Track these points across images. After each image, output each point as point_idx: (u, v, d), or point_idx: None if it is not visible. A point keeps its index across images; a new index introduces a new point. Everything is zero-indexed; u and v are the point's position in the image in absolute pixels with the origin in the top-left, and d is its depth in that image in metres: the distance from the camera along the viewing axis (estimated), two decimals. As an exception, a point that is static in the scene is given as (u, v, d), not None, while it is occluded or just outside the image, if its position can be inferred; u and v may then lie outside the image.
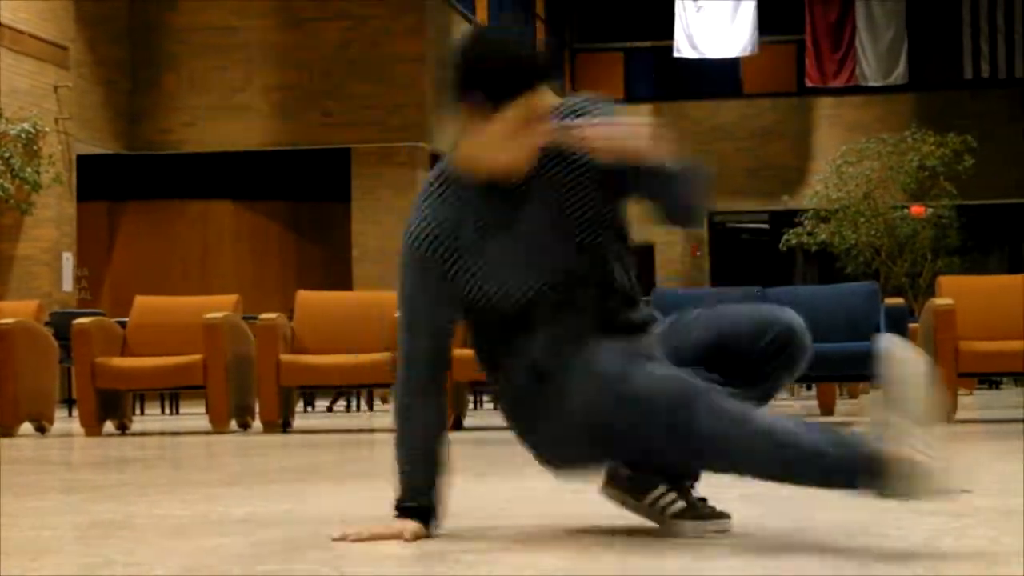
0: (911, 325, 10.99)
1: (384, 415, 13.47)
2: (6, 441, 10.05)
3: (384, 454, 7.78)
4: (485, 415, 12.68)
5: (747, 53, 30.03)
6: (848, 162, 25.25)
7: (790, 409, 13.48)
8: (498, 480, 5.77)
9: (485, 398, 14.99)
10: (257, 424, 11.07)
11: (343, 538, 3.60)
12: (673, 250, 28.23)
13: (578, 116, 3.51)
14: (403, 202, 21.90)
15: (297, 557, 3.40)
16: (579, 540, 3.61)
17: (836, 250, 25.04)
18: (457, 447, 3.86)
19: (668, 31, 30.24)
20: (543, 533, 3.78)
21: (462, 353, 8.11)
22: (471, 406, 12.96)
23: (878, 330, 10.15)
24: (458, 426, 10.46)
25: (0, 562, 3.46)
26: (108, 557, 3.47)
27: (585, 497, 4.14)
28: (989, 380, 19.25)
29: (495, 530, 3.87)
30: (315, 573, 3.15)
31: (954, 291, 10.38)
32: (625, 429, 3.39)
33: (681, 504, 3.64)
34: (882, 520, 3.90)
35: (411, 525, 3.60)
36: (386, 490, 5.29)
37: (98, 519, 4.41)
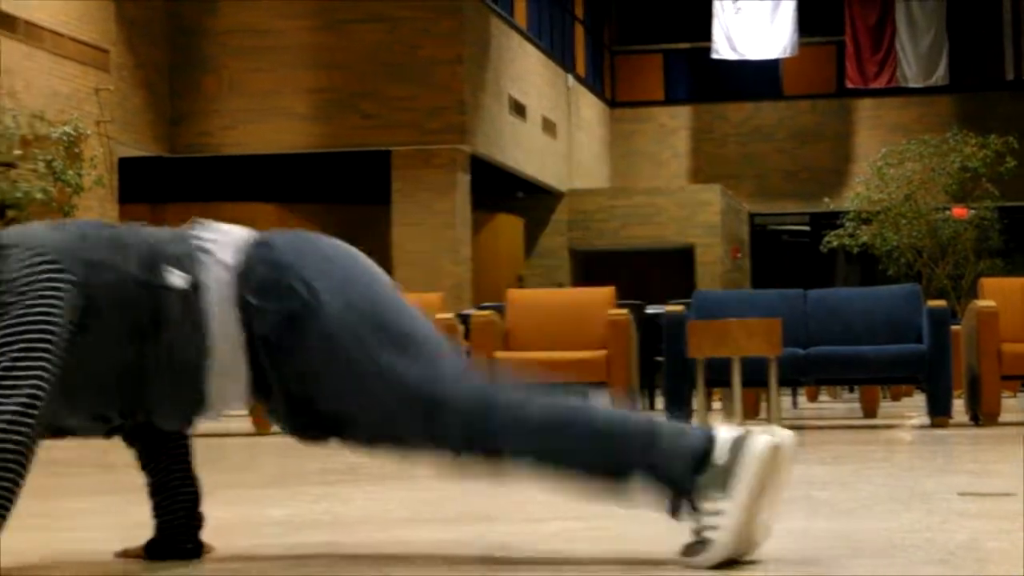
0: (953, 328, 10.93)
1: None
2: (47, 443, 10.09)
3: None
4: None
5: (787, 54, 29.96)
6: (889, 164, 25.16)
7: (832, 413, 13.44)
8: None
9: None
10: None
11: None
12: (713, 252, 28.15)
13: None
14: (443, 204, 21.93)
15: (337, 560, 3.39)
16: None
17: (878, 252, 24.96)
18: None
19: (707, 32, 30.20)
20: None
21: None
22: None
23: (920, 332, 10.10)
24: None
25: (39, 564, 3.47)
26: (148, 559, 3.47)
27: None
28: (1032, 382, 19.12)
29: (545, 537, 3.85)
30: (356, 575, 3.14)
31: (996, 293, 10.32)
32: None
33: None
34: (926, 523, 3.88)
35: None
36: (425, 491, 5.28)
37: (139, 520, 4.41)
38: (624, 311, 10.69)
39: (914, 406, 13.88)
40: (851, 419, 11.45)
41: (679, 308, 10.49)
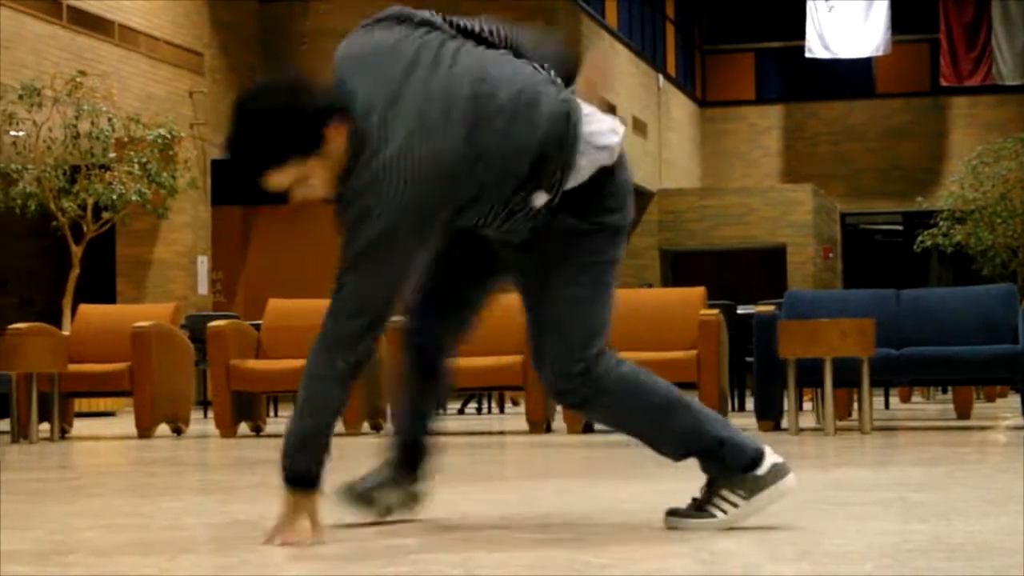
0: (1049, 328, 10.77)
1: (515, 417, 13.47)
2: (143, 442, 10.21)
3: (511, 456, 7.78)
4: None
5: (880, 53, 29.71)
6: (984, 162, 24.87)
7: (925, 414, 13.32)
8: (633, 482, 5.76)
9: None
10: (388, 426, 11.12)
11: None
12: (805, 252, 27.98)
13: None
14: (533, 205, 21.93)
15: (428, 557, 3.41)
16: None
17: (972, 252, 24.68)
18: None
19: (799, 31, 30.01)
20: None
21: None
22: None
23: (1015, 332, 9.99)
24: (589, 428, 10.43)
25: (137, 562, 3.51)
26: (242, 557, 3.51)
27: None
28: None
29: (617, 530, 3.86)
30: (443, 573, 3.16)
31: (1094, 293, 10.18)
32: None
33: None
34: (1019, 526, 3.85)
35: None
36: (511, 490, 5.29)
37: (233, 520, 4.46)
38: (715, 311, 10.64)
39: (1008, 407, 13.72)
40: (944, 420, 11.34)
41: (770, 308, 10.43)
